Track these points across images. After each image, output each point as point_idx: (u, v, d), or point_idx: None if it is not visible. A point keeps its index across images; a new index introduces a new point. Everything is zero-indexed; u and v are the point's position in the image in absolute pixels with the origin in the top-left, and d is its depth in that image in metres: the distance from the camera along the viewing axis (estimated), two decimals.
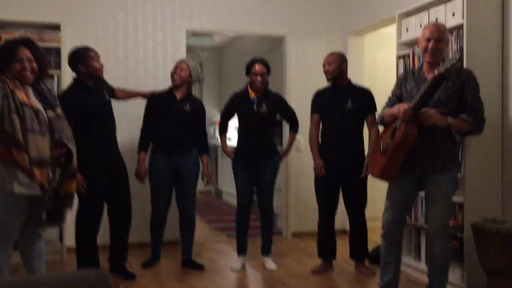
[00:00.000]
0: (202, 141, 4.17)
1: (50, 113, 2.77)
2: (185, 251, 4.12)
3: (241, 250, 4.14)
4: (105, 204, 3.74)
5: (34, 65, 2.74)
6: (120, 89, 4.06)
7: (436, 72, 2.76)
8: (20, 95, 2.65)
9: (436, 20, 3.55)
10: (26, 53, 2.73)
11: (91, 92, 3.63)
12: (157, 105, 4.04)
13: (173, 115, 3.98)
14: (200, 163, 4.17)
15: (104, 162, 3.62)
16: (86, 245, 3.65)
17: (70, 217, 3.47)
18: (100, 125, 3.63)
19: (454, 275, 3.36)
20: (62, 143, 2.75)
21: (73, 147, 2.80)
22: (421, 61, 3.56)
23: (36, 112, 2.68)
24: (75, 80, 3.66)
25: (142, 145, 4.07)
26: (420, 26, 3.75)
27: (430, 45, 2.92)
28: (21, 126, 2.60)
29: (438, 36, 2.92)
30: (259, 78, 3.99)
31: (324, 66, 3.95)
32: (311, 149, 4.00)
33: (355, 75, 4.93)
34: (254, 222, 4.45)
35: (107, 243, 3.81)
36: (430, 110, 2.84)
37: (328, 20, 5.34)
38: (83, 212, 3.62)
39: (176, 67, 4.07)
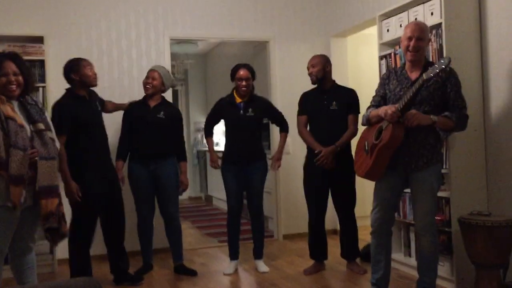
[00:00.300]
0: (179, 148, 4.19)
1: (33, 128, 2.76)
2: (176, 258, 4.14)
3: (233, 254, 4.16)
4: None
5: (20, 78, 2.74)
6: (108, 101, 4.09)
7: (424, 75, 2.76)
8: (5, 109, 2.65)
9: (416, 19, 3.63)
10: (11, 66, 2.73)
11: (85, 102, 3.66)
12: (132, 114, 4.07)
13: (148, 123, 3.99)
14: (178, 170, 4.18)
15: (97, 171, 3.63)
16: (80, 255, 3.65)
17: None
18: (93, 135, 3.65)
19: (443, 269, 3.42)
20: (49, 157, 2.75)
21: (51, 163, 2.76)
22: (403, 60, 3.63)
23: (20, 126, 2.67)
24: (68, 90, 3.68)
25: (119, 153, 4.09)
26: (400, 26, 3.83)
27: (412, 43, 2.96)
28: (4, 141, 2.59)
29: (420, 34, 2.96)
30: (243, 83, 4.02)
31: (308, 69, 4.00)
32: (307, 141, 3.98)
33: (339, 76, 4.98)
34: (245, 226, 4.47)
35: (99, 252, 3.81)
36: (411, 111, 2.87)
37: (311, 24, 5.40)
38: (77, 222, 3.62)
39: (147, 77, 4.08)
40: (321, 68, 3.94)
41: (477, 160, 3.45)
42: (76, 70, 3.61)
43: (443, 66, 2.70)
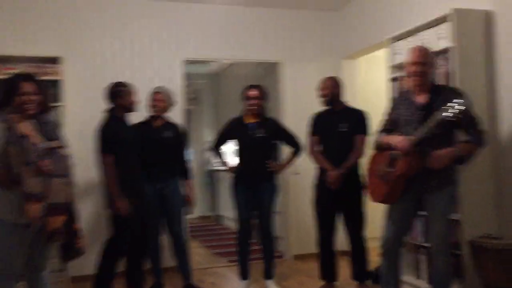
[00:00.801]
0: (184, 166, 4.24)
1: (47, 145, 2.83)
2: (184, 276, 4.15)
3: (243, 274, 4.17)
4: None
5: (38, 98, 2.83)
6: None
7: (443, 115, 2.76)
8: (21, 128, 2.72)
9: (423, 44, 3.67)
10: (29, 86, 2.81)
11: (126, 124, 3.86)
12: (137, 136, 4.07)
13: (153, 143, 4.06)
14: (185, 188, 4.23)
15: (137, 191, 3.80)
16: (110, 272, 3.75)
17: None
18: (133, 154, 3.82)
19: None
20: (61, 175, 2.82)
21: (62, 180, 2.82)
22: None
23: (33, 144, 2.73)
24: (110, 112, 3.83)
25: None
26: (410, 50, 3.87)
27: (414, 69, 3.00)
28: (21, 159, 2.65)
29: (422, 59, 2.99)
30: (251, 102, 4.08)
31: (318, 90, 4.05)
32: (318, 161, 4.01)
33: (349, 97, 5.01)
34: (255, 245, 4.48)
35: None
36: (437, 153, 2.89)
37: (321, 45, 5.48)
38: (120, 238, 3.73)
39: (154, 99, 4.15)
40: (330, 91, 4.00)
41: (487, 182, 3.46)
42: (121, 96, 3.80)
43: (462, 107, 2.69)
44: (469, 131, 2.95)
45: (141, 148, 4.02)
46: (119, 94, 3.80)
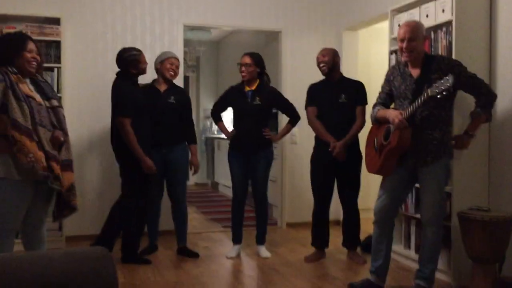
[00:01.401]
0: (190, 131, 4.27)
1: (48, 104, 2.87)
2: (180, 240, 4.25)
3: (236, 239, 4.26)
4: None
5: (39, 58, 2.85)
6: None
7: (429, 92, 2.83)
8: (24, 88, 2.75)
9: (427, 16, 3.67)
10: (33, 45, 2.84)
11: (138, 88, 3.95)
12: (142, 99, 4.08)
13: (160, 109, 4.08)
14: (189, 153, 4.27)
15: (149, 153, 3.88)
16: (137, 231, 3.96)
17: None
18: (147, 117, 3.91)
19: (441, 261, 3.47)
20: (64, 133, 2.87)
21: (67, 139, 2.92)
22: None
23: (39, 104, 2.78)
24: (124, 75, 3.89)
25: None
26: (398, 25, 3.86)
27: (404, 45, 3.04)
28: (32, 117, 2.69)
29: (411, 35, 3.02)
30: (243, 69, 4.09)
31: (318, 58, 4.05)
32: (319, 132, 4.02)
33: (349, 70, 5.06)
34: (249, 213, 4.57)
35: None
36: (465, 139, 3.14)
37: (323, 16, 5.45)
38: (136, 198, 3.87)
39: (171, 64, 4.14)
40: (331, 58, 4.00)
41: (480, 157, 3.50)
42: (134, 65, 3.86)
43: (448, 85, 2.75)
44: (474, 92, 3.10)
45: (148, 113, 4.03)
46: (134, 61, 3.85)
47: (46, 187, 2.82)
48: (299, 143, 5.27)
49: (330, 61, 4.00)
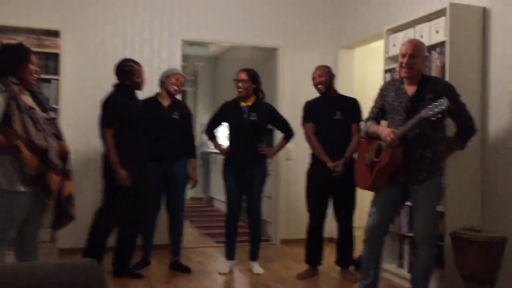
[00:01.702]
0: (190, 145, 4.29)
1: (46, 116, 2.89)
2: (174, 254, 4.23)
3: (230, 254, 4.25)
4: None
5: (39, 71, 2.89)
6: None
7: (423, 113, 2.86)
8: (26, 100, 2.77)
9: (421, 36, 3.72)
10: (34, 58, 2.89)
11: (131, 99, 3.90)
12: (145, 113, 4.04)
13: (163, 124, 4.09)
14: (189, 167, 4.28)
15: (137, 166, 3.84)
16: (100, 242, 3.83)
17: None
18: (137, 130, 3.88)
19: (434, 281, 3.48)
20: (64, 144, 2.89)
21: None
22: None
23: (42, 117, 2.81)
24: (117, 86, 3.91)
25: None
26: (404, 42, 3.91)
27: (405, 60, 3.07)
28: (36, 128, 2.71)
29: (413, 52, 3.06)
30: (240, 84, 4.13)
31: (314, 79, 4.09)
32: (317, 151, 4.04)
33: (345, 87, 5.11)
34: (243, 229, 4.56)
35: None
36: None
37: (320, 34, 5.51)
38: (111, 210, 3.83)
39: (176, 79, 4.16)
40: (327, 78, 4.05)
41: (473, 177, 3.53)
42: (128, 78, 3.87)
43: (443, 108, 2.79)
44: (459, 122, 3.14)
45: (150, 127, 4.04)
46: (129, 72, 3.87)
47: (42, 198, 2.83)
48: (294, 159, 5.29)
49: (327, 81, 4.05)
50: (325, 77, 4.05)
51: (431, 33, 3.67)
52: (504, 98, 3.41)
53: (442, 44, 3.54)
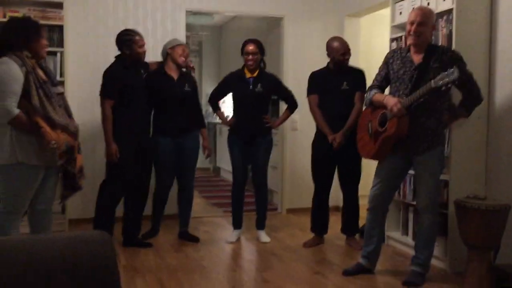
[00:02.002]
0: (199, 115, 4.30)
1: (56, 91, 2.92)
2: (182, 224, 4.31)
3: (236, 224, 4.32)
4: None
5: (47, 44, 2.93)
6: (151, 62, 4.27)
7: (433, 83, 2.84)
8: (40, 73, 2.80)
9: (428, 4, 3.66)
10: (45, 33, 2.92)
11: (132, 71, 3.90)
12: (155, 87, 4.05)
13: (175, 98, 4.06)
14: (200, 138, 4.30)
15: (134, 136, 3.86)
16: (106, 213, 3.89)
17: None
18: (137, 102, 3.86)
19: (437, 249, 3.54)
20: (73, 120, 2.96)
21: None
22: None
23: (53, 91, 2.86)
24: (118, 58, 3.91)
25: None
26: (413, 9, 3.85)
27: (413, 28, 3.04)
28: (50, 102, 2.76)
29: (422, 19, 3.03)
30: (250, 57, 4.10)
31: (338, 49, 3.99)
32: (319, 123, 4.05)
33: (351, 56, 5.05)
34: (250, 198, 4.62)
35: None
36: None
37: (325, 2, 5.44)
38: (112, 181, 3.88)
39: (183, 50, 4.11)
40: (350, 51, 4.05)
41: (478, 146, 3.53)
42: (128, 46, 3.85)
43: (453, 78, 2.76)
44: (469, 98, 3.13)
45: (161, 101, 4.03)
46: (129, 42, 3.85)
47: (56, 170, 2.90)
48: (300, 129, 5.30)
49: (350, 54, 4.04)
50: (350, 51, 4.04)
51: (438, 1, 3.61)
52: (511, 66, 3.37)
53: (449, 12, 3.49)
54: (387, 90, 3.36)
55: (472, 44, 3.47)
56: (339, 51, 3.99)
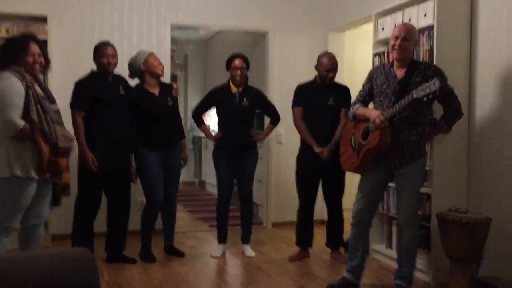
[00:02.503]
0: (181, 126, 4.26)
1: (54, 108, 2.95)
2: (167, 239, 4.28)
3: (221, 238, 4.30)
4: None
5: (42, 60, 2.93)
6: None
7: (415, 94, 2.90)
8: (37, 89, 2.83)
9: (410, 20, 3.74)
10: (36, 47, 2.90)
11: (105, 83, 3.85)
12: (139, 106, 3.96)
13: (159, 114, 3.99)
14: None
15: (107, 149, 3.80)
16: (83, 229, 3.83)
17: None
18: (111, 114, 3.80)
19: (421, 261, 3.57)
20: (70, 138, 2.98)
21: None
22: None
23: (50, 107, 2.88)
24: (92, 70, 3.90)
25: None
26: (395, 25, 3.92)
27: (398, 42, 3.11)
28: (45, 118, 2.78)
29: (405, 34, 3.10)
30: (238, 72, 4.13)
31: (325, 65, 4.02)
32: (305, 136, 4.06)
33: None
34: (235, 212, 4.61)
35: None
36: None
37: (310, 17, 5.51)
38: (84, 195, 3.82)
39: (154, 59, 4.03)
40: (337, 66, 4.10)
41: (459, 160, 3.58)
42: (94, 57, 3.85)
43: (434, 88, 2.82)
44: (447, 107, 3.18)
45: (146, 118, 3.97)
46: (94, 54, 3.85)
47: (48, 184, 2.93)
48: (284, 143, 5.33)
49: (337, 69, 4.09)
50: (335, 72, 4.07)
51: (420, 17, 3.69)
52: (491, 82, 3.44)
53: (430, 27, 3.56)
54: (371, 105, 3.40)
55: (453, 60, 3.54)
56: (325, 67, 4.04)
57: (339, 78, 4.57)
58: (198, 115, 4.39)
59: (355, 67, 5.57)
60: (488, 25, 3.47)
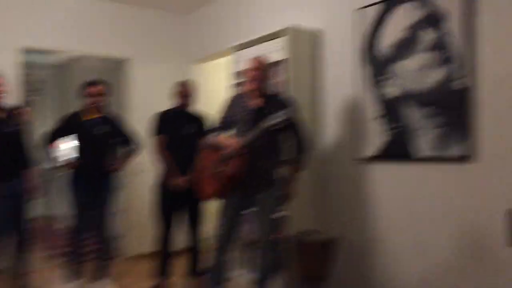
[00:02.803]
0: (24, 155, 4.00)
1: None
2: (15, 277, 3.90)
3: (76, 275, 4.06)
4: None
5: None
6: None
7: (265, 124, 3.10)
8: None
9: (263, 54, 3.96)
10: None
11: None
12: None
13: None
14: None
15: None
16: None
17: None
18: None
19: (277, 282, 3.71)
20: None
21: None
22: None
23: None
24: None
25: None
26: (250, 58, 4.14)
27: (251, 74, 3.30)
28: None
29: (259, 67, 3.32)
30: (97, 99, 4.02)
31: (181, 92, 4.14)
32: (168, 165, 4.04)
33: (194, 100, 5.20)
34: (90, 246, 4.37)
35: None
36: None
37: (170, 47, 5.60)
38: None
39: None
40: (191, 94, 4.18)
41: (311, 186, 3.84)
42: None
43: (281, 119, 3.04)
44: (300, 149, 3.37)
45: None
46: None
47: None
48: (142, 172, 5.22)
49: (191, 96, 4.17)
50: (190, 93, 4.16)
51: (272, 51, 3.93)
52: (333, 111, 3.78)
53: (281, 61, 3.82)
54: (230, 132, 3.52)
55: (303, 92, 3.82)
56: (181, 94, 4.13)
57: (198, 107, 4.66)
58: (50, 142, 4.13)
59: (211, 96, 5.70)
60: (331, 59, 3.82)
